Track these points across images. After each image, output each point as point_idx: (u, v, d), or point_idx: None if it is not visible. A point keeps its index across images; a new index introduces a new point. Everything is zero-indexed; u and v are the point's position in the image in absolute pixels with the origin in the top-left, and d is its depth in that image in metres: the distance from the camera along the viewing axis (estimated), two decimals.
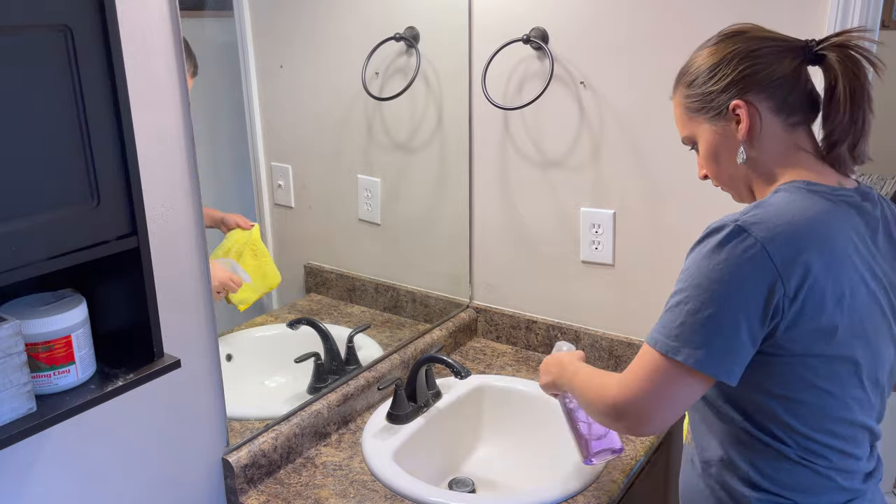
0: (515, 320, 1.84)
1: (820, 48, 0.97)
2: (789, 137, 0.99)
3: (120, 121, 0.88)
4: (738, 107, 0.97)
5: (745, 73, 0.97)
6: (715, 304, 0.90)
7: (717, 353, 0.90)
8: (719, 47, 1.00)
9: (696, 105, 1.02)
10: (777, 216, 0.91)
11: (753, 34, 1.00)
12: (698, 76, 1.01)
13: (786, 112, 0.98)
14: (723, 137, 1.01)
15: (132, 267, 0.94)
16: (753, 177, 1.02)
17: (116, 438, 1.12)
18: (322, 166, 1.59)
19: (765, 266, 0.88)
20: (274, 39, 1.43)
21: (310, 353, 1.50)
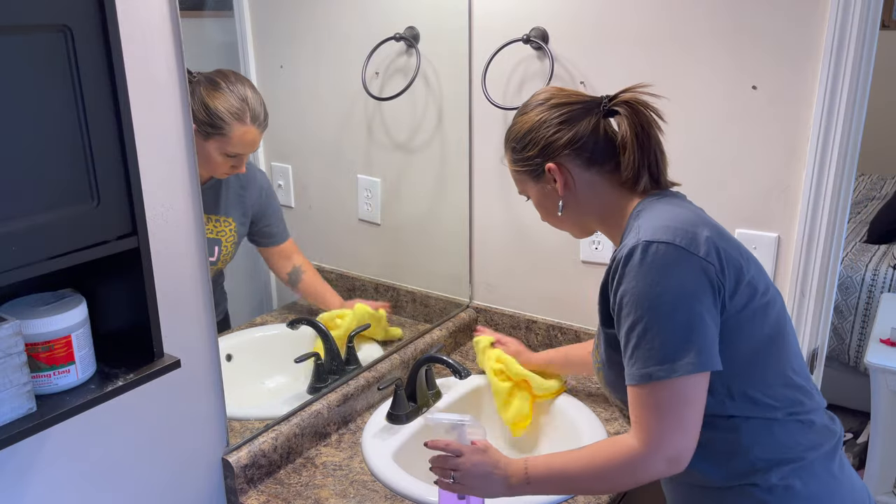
0: (515, 320, 1.84)
1: (612, 104, 1.10)
2: (607, 182, 1.12)
3: (120, 121, 0.88)
4: (551, 169, 1.11)
5: (554, 138, 1.10)
6: (674, 312, 0.97)
7: (701, 349, 0.97)
8: (533, 115, 1.13)
9: (519, 167, 1.16)
10: (662, 219, 1.02)
11: (558, 100, 1.12)
12: (518, 142, 1.15)
13: (596, 164, 1.11)
14: (546, 194, 1.15)
15: (132, 267, 0.94)
16: (592, 220, 1.15)
17: (116, 438, 1.12)
18: (322, 166, 1.59)
19: (687, 257, 0.98)
20: (274, 39, 1.43)
21: (310, 353, 1.50)
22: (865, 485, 1.12)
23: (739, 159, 1.46)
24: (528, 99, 1.17)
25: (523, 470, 1.08)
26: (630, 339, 0.99)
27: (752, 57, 1.40)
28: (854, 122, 1.36)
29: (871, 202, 3.80)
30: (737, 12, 1.40)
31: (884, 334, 2.43)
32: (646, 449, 0.99)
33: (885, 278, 2.90)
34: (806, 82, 1.37)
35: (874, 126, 2.83)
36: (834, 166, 1.37)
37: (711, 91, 1.45)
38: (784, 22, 1.36)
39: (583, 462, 1.05)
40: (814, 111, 1.37)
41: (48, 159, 0.82)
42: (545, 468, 1.07)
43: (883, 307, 2.66)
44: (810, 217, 1.42)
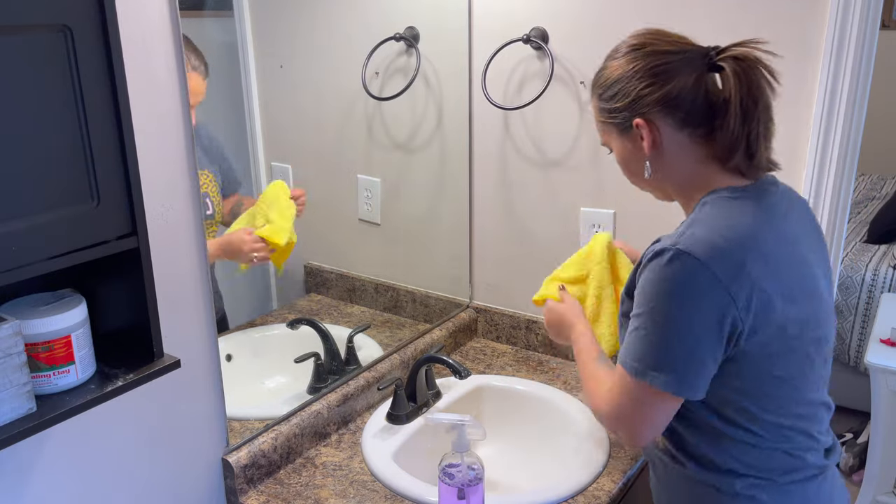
0: (515, 320, 1.84)
1: (719, 58, 0.98)
2: (698, 150, 1.01)
3: (120, 121, 0.88)
4: (640, 126, 1.01)
5: (644, 92, 0.99)
6: (670, 328, 0.94)
7: (679, 373, 0.94)
8: (624, 62, 1.02)
9: (605, 117, 1.06)
10: (712, 232, 0.94)
11: (656, 48, 1.00)
12: (605, 90, 1.04)
13: (689, 126, 1.00)
14: (630, 150, 1.05)
15: (132, 267, 0.94)
16: (670, 187, 1.06)
17: (116, 438, 1.12)
18: (322, 166, 1.59)
19: (712, 285, 0.91)
20: (274, 39, 1.43)
21: (310, 353, 1.50)
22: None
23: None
24: (622, 41, 1.05)
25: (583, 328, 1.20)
26: (633, 327, 0.98)
27: None
28: (854, 122, 1.36)
29: (871, 202, 3.80)
30: (737, 12, 1.40)
31: (884, 334, 2.43)
32: (606, 411, 1.04)
33: (885, 278, 2.90)
34: (806, 82, 1.37)
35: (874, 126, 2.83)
36: (834, 166, 1.37)
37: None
38: (784, 22, 1.36)
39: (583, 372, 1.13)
40: (814, 111, 1.37)
41: (48, 159, 0.82)
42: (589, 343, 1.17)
43: (883, 307, 2.66)
44: None
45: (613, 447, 1.41)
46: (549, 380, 1.68)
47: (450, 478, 1.16)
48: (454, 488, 1.15)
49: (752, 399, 0.99)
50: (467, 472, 1.16)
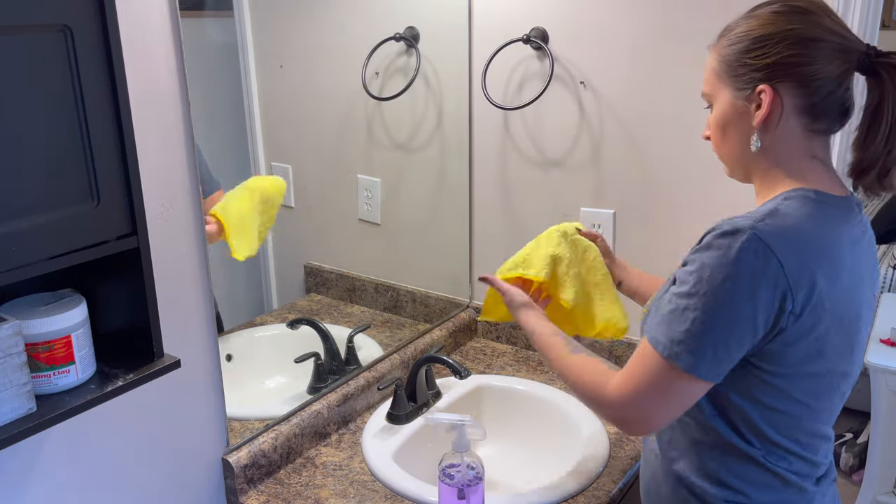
0: None
1: (879, 60, 0.90)
2: (806, 143, 0.95)
3: (120, 121, 0.88)
4: (764, 92, 0.92)
5: (787, 61, 0.90)
6: (725, 315, 0.88)
7: (718, 361, 0.90)
8: (777, 19, 0.91)
9: (726, 69, 0.96)
10: (794, 229, 0.89)
11: (817, 20, 0.90)
12: (741, 42, 0.93)
13: (812, 116, 0.93)
14: (737, 114, 0.96)
15: (132, 267, 0.94)
16: (757, 168, 0.98)
17: (116, 438, 1.12)
18: (322, 166, 1.59)
19: (779, 280, 0.87)
20: (274, 39, 1.43)
21: (310, 353, 1.50)
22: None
23: None
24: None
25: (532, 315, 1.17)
26: (674, 301, 0.91)
27: None
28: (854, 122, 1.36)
29: (871, 202, 3.80)
30: (738, 12, 1.40)
31: (884, 334, 2.43)
32: (613, 397, 0.96)
33: (885, 278, 2.90)
34: None
35: None
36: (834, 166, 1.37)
37: None
38: None
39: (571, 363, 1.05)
40: None
41: (48, 159, 0.82)
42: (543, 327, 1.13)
43: (883, 307, 2.66)
44: None
45: (613, 447, 1.42)
46: (549, 380, 1.68)
47: (450, 478, 1.16)
48: (454, 488, 1.15)
49: (762, 412, 0.96)
50: (467, 472, 1.16)
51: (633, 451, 1.41)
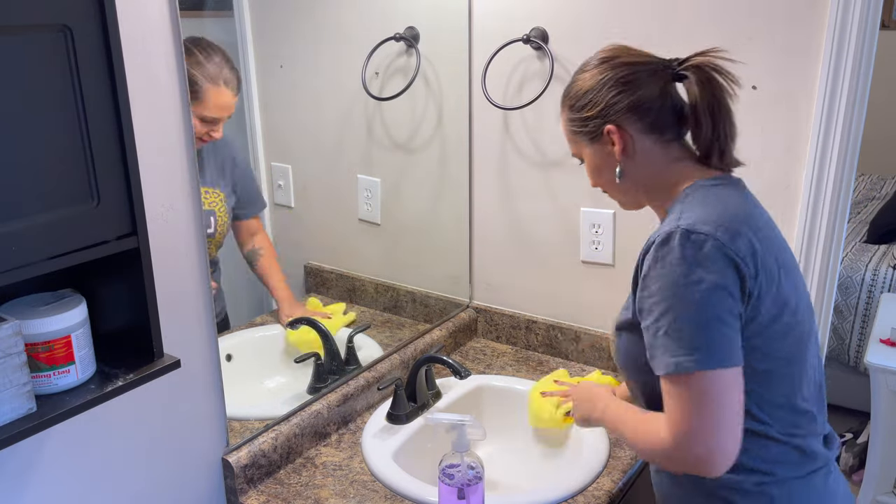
0: (515, 320, 1.84)
1: (681, 68, 1.05)
2: (666, 153, 1.07)
3: (120, 121, 0.88)
4: (611, 132, 1.05)
5: (615, 99, 1.04)
6: (705, 305, 0.94)
7: (728, 342, 0.94)
8: (595, 73, 1.07)
9: (576, 127, 1.10)
10: (708, 211, 0.98)
11: (624, 59, 1.06)
12: (577, 101, 1.09)
13: (657, 131, 1.06)
14: (602, 157, 1.09)
15: (132, 267, 0.94)
16: (642, 193, 1.10)
17: (116, 439, 1.12)
18: (322, 166, 1.59)
19: (725, 255, 0.94)
20: (274, 39, 1.43)
21: (310, 353, 1.50)
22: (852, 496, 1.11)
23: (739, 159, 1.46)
24: (591, 56, 1.11)
25: (602, 408, 1.15)
26: (658, 328, 0.96)
27: (753, 57, 1.40)
28: (854, 122, 1.36)
29: (871, 202, 3.80)
30: (737, 12, 1.40)
31: (884, 334, 2.43)
32: (673, 443, 0.95)
33: (885, 278, 2.90)
34: (806, 82, 1.37)
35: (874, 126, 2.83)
36: (834, 166, 1.37)
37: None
38: (784, 22, 1.36)
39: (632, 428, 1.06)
40: (814, 111, 1.37)
41: (48, 159, 0.82)
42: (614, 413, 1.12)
43: (883, 307, 2.66)
44: (810, 217, 1.42)
45: (613, 447, 1.42)
46: None
47: (450, 478, 1.16)
48: (454, 488, 1.15)
49: (761, 380, 1.00)
50: (467, 472, 1.16)
51: (633, 451, 1.41)
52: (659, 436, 0.98)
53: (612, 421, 1.13)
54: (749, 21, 1.39)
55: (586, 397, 1.22)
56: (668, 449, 0.96)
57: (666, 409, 0.97)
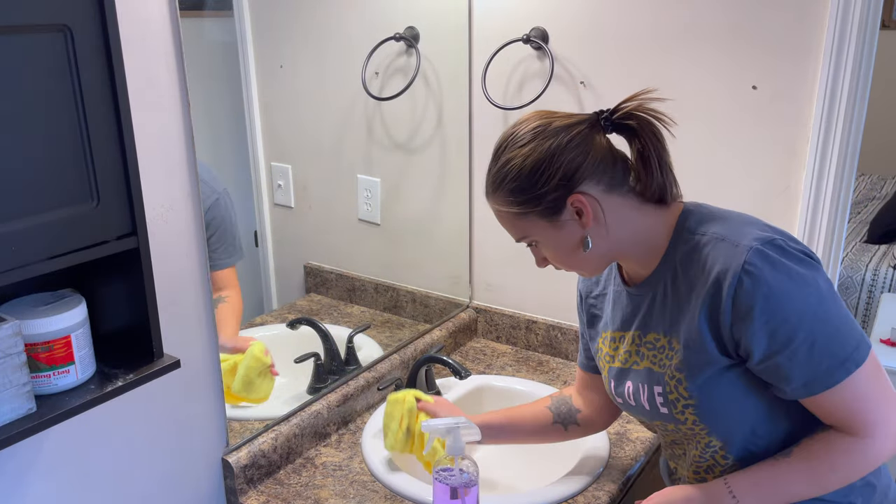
0: (515, 320, 1.84)
1: (616, 118, 1.00)
2: (629, 203, 1.01)
3: (120, 121, 0.88)
4: (577, 201, 0.98)
5: (571, 166, 0.97)
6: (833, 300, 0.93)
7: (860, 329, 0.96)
8: (534, 146, 0.98)
9: (525, 209, 1.00)
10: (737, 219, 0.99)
11: (558, 124, 0.99)
12: (521, 180, 0.99)
13: (616, 188, 1.00)
14: (565, 231, 1.01)
15: (132, 267, 0.94)
16: (617, 250, 1.03)
17: (116, 439, 1.12)
18: (322, 166, 1.59)
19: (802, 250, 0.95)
20: (274, 39, 1.43)
21: (310, 354, 1.50)
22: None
23: (739, 159, 1.46)
24: (509, 131, 1.03)
25: (728, 494, 1.00)
26: (798, 352, 0.91)
27: (753, 57, 1.40)
28: (854, 122, 1.36)
29: (871, 202, 3.80)
30: (737, 12, 1.40)
31: (884, 334, 2.43)
32: (874, 437, 0.94)
33: (885, 278, 2.90)
34: (806, 82, 1.37)
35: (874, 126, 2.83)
36: (834, 166, 1.37)
37: (712, 91, 1.45)
38: (784, 22, 1.36)
39: (800, 470, 0.97)
40: (814, 111, 1.37)
41: (48, 159, 0.82)
42: (756, 486, 0.99)
43: (883, 307, 2.66)
44: (810, 217, 1.42)
45: (614, 447, 1.41)
46: (549, 380, 1.68)
47: (444, 482, 1.16)
48: (447, 488, 1.15)
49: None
50: (461, 476, 1.16)
51: (633, 451, 1.41)
52: (853, 446, 0.95)
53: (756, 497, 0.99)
54: (749, 21, 1.39)
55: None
56: (869, 449, 0.94)
57: (842, 416, 0.94)
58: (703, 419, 1.01)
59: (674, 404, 1.02)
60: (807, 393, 0.93)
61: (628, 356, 1.08)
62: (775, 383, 0.95)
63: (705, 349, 0.97)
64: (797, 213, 1.43)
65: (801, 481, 0.97)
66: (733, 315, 0.92)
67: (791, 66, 1.38)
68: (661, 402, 1.04)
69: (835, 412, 0.94)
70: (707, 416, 1.01)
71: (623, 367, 1.09)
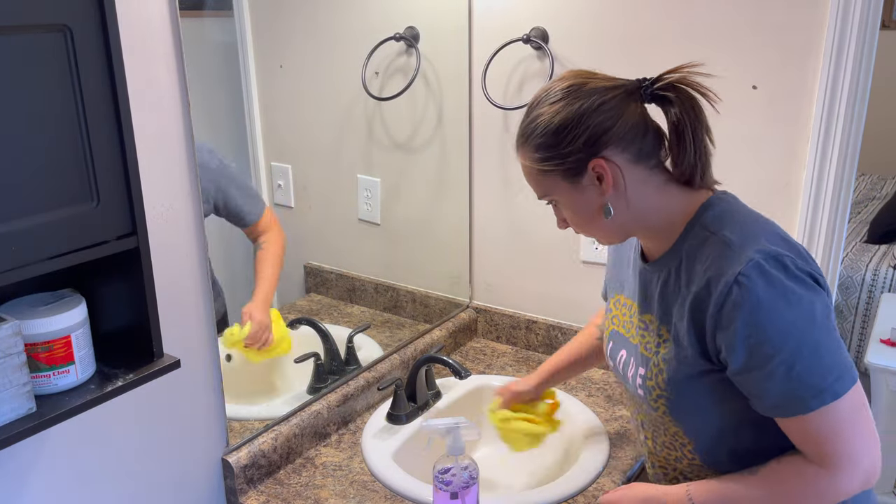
0: (515, 320, 1.84)
1: (656, 88, 0.97)
2: (654, 178, 0.99)
3: (120, 121, 0.88)
4: (599, 166, 0.96)
5: (597, 130, 0.94)
6: (827, 323, 0.90)
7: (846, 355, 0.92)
8: (563, 104, 0.96)
9: (549, 166, 0.98)
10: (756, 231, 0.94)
11: (592, 85, 0.96)
12: (547, 137, 0.97)
13: (644, 159, 0.98)
14: (585, 195, 0.99)
15: (132, 267, 0.94)
16: (634, 223, 1.01)
17: (116, 439, 1.12)
18: (322, 166, 1.59)
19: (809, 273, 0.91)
20: (274, 39, 1.43)
21: (310, 353, 1.50)
22: None
23: (739, 159, 1.46)
24: (546, 86, 0.99)
25: (686, 496, 1.01)
26: (775, 371, 0.88)
27: (753, 57, 1.40)
28: (854, 122, 1.36)
29: (871, 202, 3.80)
30: (737, 12, 1.40)
31: (884, 334, 2.43)
32: (840, 471, 0.91)
33: (885, 278, 2.90)
34: (806, 82, 1.37)
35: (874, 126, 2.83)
36: (834, 166, 1.37)
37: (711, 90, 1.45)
38: (784, 22, 1.36)
39: (763, 491, 0.96)
40: (814, 111, 1.37)
41: (48, 159, 0.82)
42: (715, 498, 0.99)
43: (883, 307, 2.66)
44: (810, 217, 1.42)
45: (614, 447, 1.41)
46: None
47: (444, 483, 1.16)
48: (447, 493, 1.15)
49: None
50: (461, 475, 1.16)
51: (633, 451, 1.41)
52: (817, 477, 0.92)
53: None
54: (749, 21, 1.39)
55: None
56: (838, 484, 0.92)
57: (814, 444, 0.92)
58: (673, 414, 1.02)
59: (650, 391, 1.03)
60: (778, 414, 0.92)
61: (630, 326, 1.09)
62: (749, 397, 0.94)
63: (687, 349, 0.96)
64: (797, 212, 1.43)
65: (765, 498, 0.96)
66: (717, 322, 0.91)
67: (791, 66, 1.38)
68: (640, 384, 1.05)
69: (805, 439, 0.93)
70: (679, 412, 1.01)
71: (623, 334, 1.10)
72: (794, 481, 0.94)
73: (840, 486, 0.92)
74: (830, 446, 0.91)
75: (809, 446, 0.92)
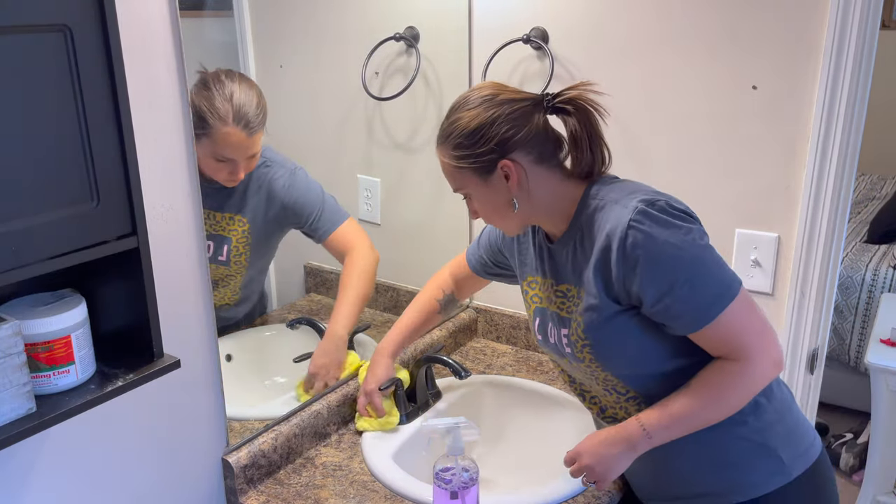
0: (515, 320, 1.84)
1: (556, 101, 1.12)
2: (554, 175, 1.15)
3: (120, 121, 0.88)
4: (506, 166, 1.11)
5: (506, 135, 1.10)
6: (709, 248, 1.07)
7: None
8: (480, 111, 1.11)
9: (465, 164, 1.13)
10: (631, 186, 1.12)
11: (505, 97, 1.12)
12: (465, 137, 1.12)
13: (545, 161, 1.13)
14: (494, 190, 1.14)
15: (132, 267, 0.94)
16: (535, 213, 1.16)
17: (116, 439, 1.12)
18: (322, 166, 1.59)
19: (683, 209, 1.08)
20: (274, 39, 1.43)
21: (310, 353, 1.50)
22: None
23: (740, 159, 1.46)
24: (465, 94, 1.16)
25: (640, 429, 1.12)
26: (680, 292, 1.03)
27: (753, 57, 1.40)
28: (854, 122, 1.36)
29: (871, 202, 3.80)
30: (737, 12, 1.40)
31: (884, 334, 2.43)
32: (753, 361, 1.07)
33: (885, 278, 2.90)
34: (806, 82, 1.37)
35: (874, 126, 2.83)
36: (834, 166, 1.37)
37: (712, 91, 1.45)
38: (784, 22, 1.36)
39: (700, 398, 1.09)
40: (814, 111, 1.37)
41: (48, 159, 0.82)
42: (664, 418, 1.11)
43: (883, 307, 2.66)
44: (810, 217, 1.42)
45: None
46: (549, 380, 1.68)
47: (444, 482, 1.16)
48: (447, 492, 1.15)
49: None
50: (461, 475, 1.16)
51: None
52: (738, 370, 1.07)
53: (666, 428, 1.10)
54: (749, 21, 1.39)
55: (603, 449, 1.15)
56: (755, 372, 1.07)
57: (725, 346, 1.07)
58: (598, 358, 1.14)
59: (574, 344, 1.16)
60: (694, 328, 1.06)
61: (550, 302, 1.22)
62: (667, 322, 1.07)
63: (598, 297, 1.10)
64: (797, 212, 1.43)
65: (704, 408, 1.09)
66: (623, 267, 1.05)
67: (791, 66, 1.38)
68: (566, 342, 1.18)
69: (718, 343, 1.07)
70: (601, 355, 1.13)
71: (545, 309, 1.23)
72: (722, 380, 1.08)
73: (758, 372, 1.08)
74: (739, 340, 1.07)
75: (724, 348, 1.07)
